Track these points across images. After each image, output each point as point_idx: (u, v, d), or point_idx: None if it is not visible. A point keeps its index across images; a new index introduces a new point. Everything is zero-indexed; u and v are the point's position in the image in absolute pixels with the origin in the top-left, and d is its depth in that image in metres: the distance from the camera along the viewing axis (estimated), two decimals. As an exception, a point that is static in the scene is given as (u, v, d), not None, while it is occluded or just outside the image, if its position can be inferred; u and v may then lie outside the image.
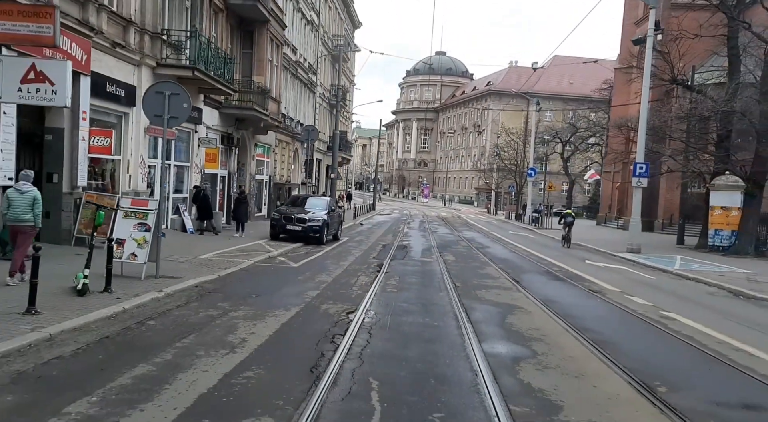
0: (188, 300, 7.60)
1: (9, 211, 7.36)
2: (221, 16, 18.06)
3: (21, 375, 4.39)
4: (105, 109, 12.24)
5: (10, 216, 7.36)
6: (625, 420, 4.28)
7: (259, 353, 5.37)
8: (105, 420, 3.66)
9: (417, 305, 8.23)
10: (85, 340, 5.41)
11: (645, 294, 10.60)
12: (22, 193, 7.39)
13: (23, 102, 9.16)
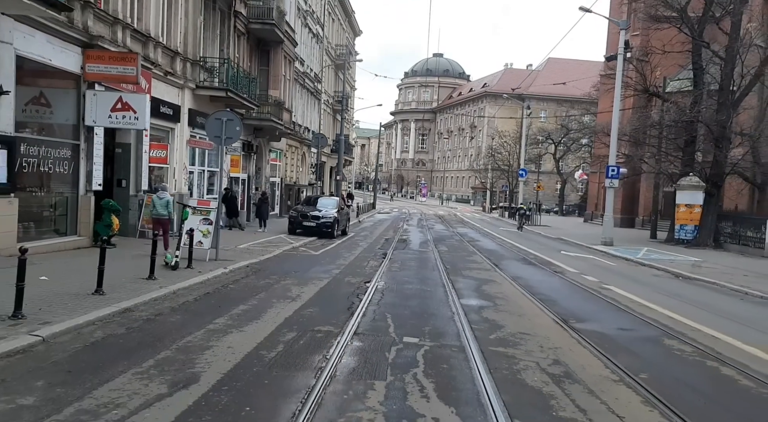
0: (247, 274, 10.50)
1: (154, 210, 11.63)
2: (243, 38, 20.95)
3: (172, 309, 7.27)
4: (158, 126, 15.09)
5: (155, 213, 11.57)
6: (542, 333, 7.16)
7: (312, 302, 8.26)
8: (238, 326, 6.54)
9: (415, 279, 11.14)
10: (195, 294, 8.29)
11: (598, 275, 13.51)
12: (161, 198, 11.50)
13: (113, 126, 12.15)
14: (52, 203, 11.42)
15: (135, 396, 4.22)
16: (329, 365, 5.18)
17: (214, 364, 5.08)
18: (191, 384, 4.55)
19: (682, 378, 5.71)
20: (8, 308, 5.83)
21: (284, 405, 4.28)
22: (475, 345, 6.17)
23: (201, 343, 5.75)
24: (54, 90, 11.23)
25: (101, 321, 6.27)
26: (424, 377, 5.05)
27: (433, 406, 4.38)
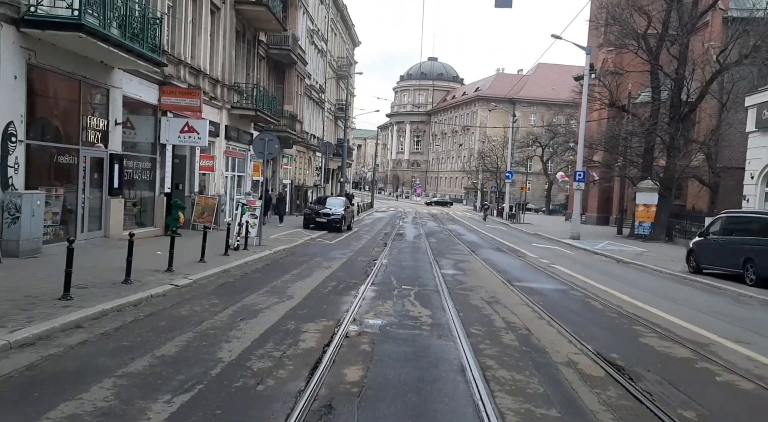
0: (287, 255, 14.60)
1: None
2: (263, 62, 25.03)
3: (242, 276, 11.33)
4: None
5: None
6: (490, 287, 11.22)
7: (339, 269, 12.34)
8: (300, 279, 10.61)
9: (409, 258, 15.26)
10: (256, 266, 12.35)
11: (552, 259, 17.64)
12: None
13: (181, 143, 16.19)
14: (137, 202, 15.44)
15: (263, 302, 8.30)
16: (359, 294, 9.27)
17: (298, 292, 9.20)
18: (290, 299, 8.66)
19: (565, 305, 9.83)
20: (161, 267, 9.86)
21: (341, 307, 8.35)
22: (446, 289, 10.27)
23: (283, 285, 9.86)
24: (139, 117, 15.23)
25: (216, 276, 10.35)
26: (414, 299, 9.16)
27: (418, 309, 8.48)
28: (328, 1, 37.59)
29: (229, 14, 20.00)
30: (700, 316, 9.30)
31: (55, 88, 11.60)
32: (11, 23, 9.82)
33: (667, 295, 11.69)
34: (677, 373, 5.91)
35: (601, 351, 6.44)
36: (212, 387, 4.68)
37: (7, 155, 9.98)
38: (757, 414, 5.06)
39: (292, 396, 4.54)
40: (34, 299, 6.79)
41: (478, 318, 8.03)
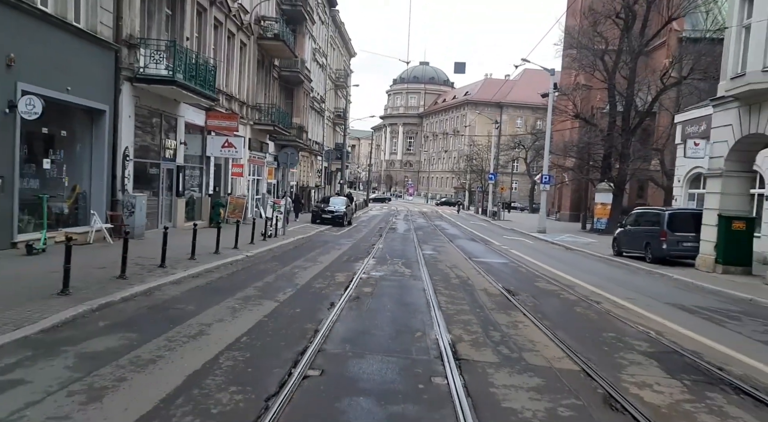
0: (306, 241, 19.63)
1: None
2: (276, 82, 30.02)
3: (283, 252, 16.37)
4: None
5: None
6: (455, 261, 16.28)
7: (348, 250, 17.39)
8: (322, 255, 15.68)
9: (400, 245, 20.33)
10: (289, 247, 17.40)
11: (512, 246, 22.74)
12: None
13: (222, 156, 21.17)
14: (189, 201, 20.39)
15: (305, 265, 13.35)
16: (365, 262, 14.33)
17: (324, 260, 14.28)
18: (321, 264, 13.73)
19: (501, 270, 14.91)
20: (227, 246, 14.86)
21: (355, 266, 13.36)
22: (423, 261, 15.34)
23: (313, 257, 14.95)
24: (191, 136, 20.18)
25: (266, 251, 15.39)
26: (401, 265, 14.23)
27: (403, 269, 13.54)
28: (328, 21, 42.61)
29: (253, 48, 25.00)
30: (590, 277, 14.39)
31: (147, 120, 16.59)
32: (128, 80, 14.82)
33: (582, 268, 16.80)
34: (540, 295, 11.00)
35: (504, 286, 11.53)
36: (299, 291, 9.76)
37: (124, 170, 14.97)
38: (565, 306, 10.10)
39: (338, 295, 9.58)
40: (179, 257, 11.78)
41: (440, 273, 13.12)
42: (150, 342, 6.08)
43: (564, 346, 6.90)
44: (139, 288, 8.66)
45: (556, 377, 5.71)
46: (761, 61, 13.89)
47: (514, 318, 8.52)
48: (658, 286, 13.67)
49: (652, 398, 5.25)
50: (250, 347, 6.21)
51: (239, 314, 7.80)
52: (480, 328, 7.74)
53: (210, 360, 5.60)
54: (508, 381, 5.52)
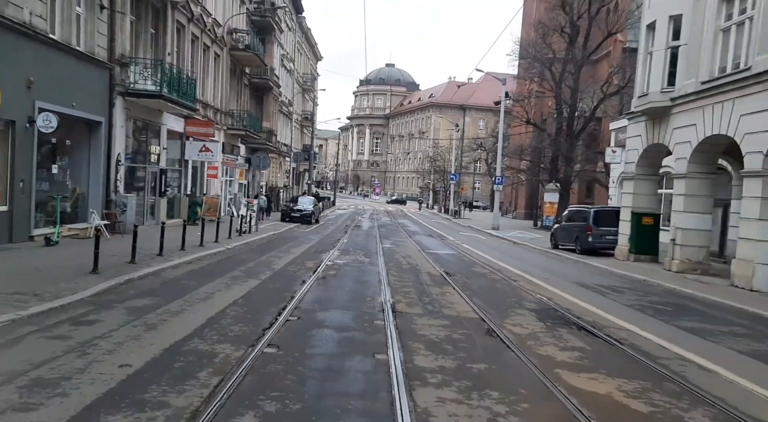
0: (278, 237, 22.05)
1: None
2: (247, 88, 32.26)
3: (259, 246, 18.79)
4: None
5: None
6: (410, 253, 18.95)
7: (316, 244, 19.90)
8: (294, 248, 18.16)
9: (363, 240, 22.91)
10: (263, 242, 19.81)
11: (464, 241, 25.56)
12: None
13: (200, 159, 23.42)
14: (169, 201, 22.56)
15: (279, 255, 15.82)
16: (331, 253, 16.85)
17: (295, 252, 16.77)
18: (293, 254, 16.22)
19: (447, 259, 17.64)
20: (209, 240, 17.20)
21: (322, 257, 15.87)
22: (382, 252, 17.96)
23: (286, 249, 17.41)
24: (171, 141, 22.34)
25: (244, 245, 17.78)
26: (362, 256, 16.81)
27: (363, 258, 16.12)
28: (295, 27, 44.91)
29: (226, 58, 27.25)
30: (521, 264, 17.22)
31: (136, 129, 18.78)
32: (121, 95, 17.03)
33: (518, 258, 19.66)
34: (472, 276, 13.74)
35: (446, 270, 14.22)
36: (276, 273, 12.27)
37: (117, 173, 17.18)
38: (488, 283, 12.83)
39: (308, 276, 12.10)
40: (172, 249, 14.11)
41: (394, 261, 15.77)
42: (173, 302, 8.53)
43: (474, 306, 9.59)
44: (148, 270, 11.03)
45: (460, 321, 8.38)
46: (660, 83, 16.96)
47: (444, 290, 11.20)
48: (576, 271, 16.60)
49: (519, 331, 7.96)
50: (246, 305, 8.73)
51: (232, 287, 10.27)
52: (416, 296, 10.38)
53: (219, 312, 8.09)
54: (426, 322, 8.16)
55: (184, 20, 21.51)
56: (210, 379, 5.21)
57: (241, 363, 5.69)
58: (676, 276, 15.30)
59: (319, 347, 6.65)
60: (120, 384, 4.95)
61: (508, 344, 7.16)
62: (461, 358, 6.40)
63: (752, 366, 6.95)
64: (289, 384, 5.24)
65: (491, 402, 5.06)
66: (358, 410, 4.72)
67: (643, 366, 6.55)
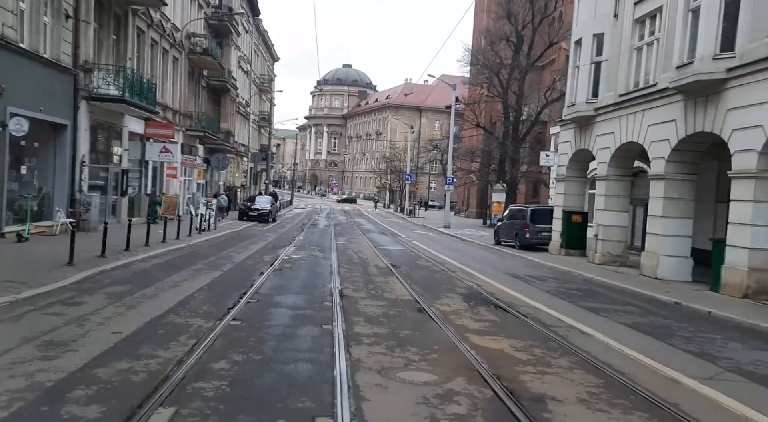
0: (235, 235, 23.21)
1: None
2: (205, 90, 33.15)
3: (219, 242, 19.97)
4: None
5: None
6: (362, 248, 20.44)
7: (273, 241, 21.18)
8: (247, 245, 19.41)
9: (318, 237, 24.29)
10: (223, 239, 20.98)
11: (416, 238, 27.23)
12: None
13: (160, 160, 24.36)
14: (130, 200, 23.42)
15: (239, 250, 17.08)
16: (287, 249, 18.20)
17: (254, 248, 18.04)
18: (251, 250, 17.49)
19: (396, 254, 19.22)
20: (171, 237, 18.31)
21: (279, 252, 17.20)
22: (335, 248, 19.40)
23: (244, 245, 18.65)
24: (132, 143, 23.21)
25: (204, 241, 18.93)
26: (317, 251, 18.22)
27: (317, 254, 17.53)
28: (252, 29, 45.82)
29: (185, 62, 28.17)
30: (463, 258, 18.93)
31: (99, 131, 19.67)
32: (85, 99, 17.96)
33: (463, 253, 21.40)
34: (416, 268, 15.34)
35: (393, 262, 15.78)
36: (236, 266, 13.58)
37: (81, 174, 18.08)
38: (429, 274, 14.44)
39: (266, 268, 13.45)
40: (136, 244, 15.20)
41: (346, 256, 17.24)
42: (146, 288, 9.79)
43: (411, 291, 11.16)
44: (118, 263, 12.19)
45: (397, 302, 9.93)
46: (585, 94, 18.97)
47: (388, 279, 12.75)
48: (511, 264, 18.42)
49: (444, 309, 9.56)
50: (210, 291, 10.07)
51: (197, 277, 11.56)
52: (362, 284, 11.89)
53: (188, 296, 9.41)
54: (368, 303, 9.67)
55: (144, 26, 22.44)
56: (188, 341, 6.59)
57: (211, 331, 7.08)
58: (598, 267, 17.28)
59: (275, 320, 8.08)
60: (116, 344, 6.28)
61: (433, 318, 8.74)
62: (392, 327, 7.94)
63: (625, 332, 8.72)
64: (251, 344, 6.66)
65: (409, 354, 6.61)
66: (306, 359, 6.19)
67: (536, 332, 8.23)
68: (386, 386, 5.47)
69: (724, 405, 5.49)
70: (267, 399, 4.95)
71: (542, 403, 5.21)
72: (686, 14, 13.70)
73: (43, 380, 5.02)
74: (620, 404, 5.32)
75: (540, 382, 5.84)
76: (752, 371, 6.87)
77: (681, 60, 13.73)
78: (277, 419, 4.50)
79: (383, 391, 5.33)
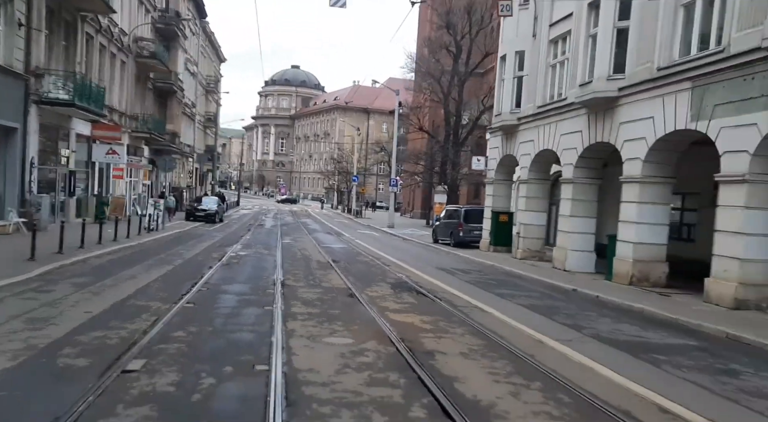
0: (184, 234, 24.22)
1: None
2: (152, 92, 33.80)
3: (168, 241, 21.02)
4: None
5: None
6: (307, 246, 21.88)
7: (221, 240, 22.35)
8: (196, 244, 20.56)
9: (265, 236, 25.56)
10: (171, 238, 22.00)
11: (360, 237, 28.82)
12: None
13: (107, 161, 25.14)
14: (78, 200, 24.06)
15: (188, 248, 18.25)
16: (234, 247, 19.47)
17: (202, 246, 19.23)
18: (200, 247, 18.68)
19: (338, 251, 20.75)
20: (121, 236, 19.28)
21: (226, 250, 18.46)
22: (280, 246, 20.77)
23: (192, 244, 19.79)
24: (80, 144, 23.88)
25: (153, 240, 19.96)
26: (262, 249, 19.56)
27: (263, 251, 18.89)
28: (199, 31, 46.43)
29: (132, 65, 28.88)
30: (401, 255, 20.62)
31: (48, 133, 20.40)
32: (35, 103, 18.73)
33: (401, 250, 23.11)
34: (355, 263, 16.94)
35: (333, 259, 17.32)
36: (186, 261, 14.84)
37: (31, 175, 18.84)
38: (365, 268, 16.07)
39: (214, 263, 14.76)
40: (90, 242, 16.18)
41: (290, 253, 18.67)
42: (106, 279, 11.02)
43: (347, 281, 12.74)
44: (75, 258, 13.27)
45: (332, 290, 11.50)
46: (510, 105, 21.04)
47: (327, 272, 14.30)
48: (443, 259, 20.27)
49: (372, 294, 11.19)
50: (164, 281, 11.37)
51: (150, 271, 12.80)
52: (303, 276, 13.39)
53: (145, 285, 10.71)
54: (307, 290, 11.20)
55: (92, 31, 23.19)
56: (150, 318, 7.97)
57: (168, 311, 8.47)
58: (519, 262, 19.33)
59: (223, 303, 9.52)
60: (89, 320, 7.61)
61: (360, 301, 10.35)
62: (324, 308, 9.51)
63: (519, 311, 10.56)
64: (203, 320, 8.10)
65: (335, 326, 8.19)
66: (249, 330, 7.68)
67: (445, 310, 9.96)
68: (313, 347, 7.04)
69: (569, 357, 7.32)
70: (217, 355, 6.44)
71: (431, 355, 6.90)
72: (587, 39, 15.84)
73: (36, 343, 6.35)
74: (490, 355, 7.07)
75: (435, 343, 7.53)
76: (607, 337, 8.79)
77: (583, 79, 15.86)
78: (224, 366, 6.00)
79: (310, 350, 6.89)
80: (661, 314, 10.68)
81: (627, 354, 7.69)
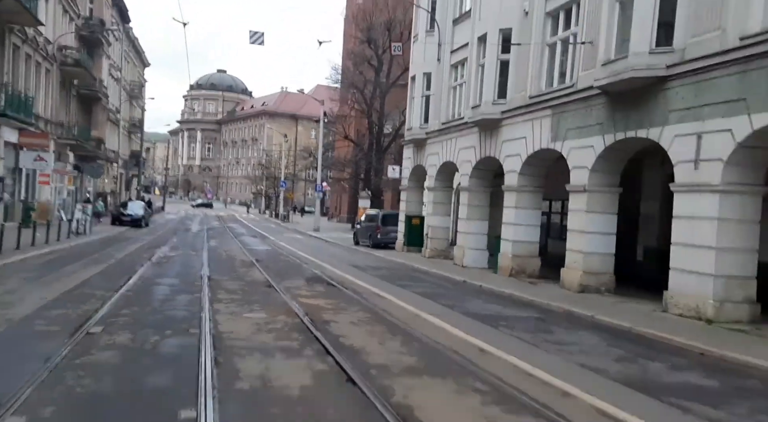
0: (112, 238, 25.33)
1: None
2: (76, 99, 34.35)
3: (97, 244, 22.20)
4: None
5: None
6: (232, 249, 23.58)
7: (148, 243, 23.67)
8: (124, 247, 21.88)
9: (191, 240, 27.00)
10: (96, 242, 23.15)
11: (285, 240, 30.65)
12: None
13: (34, 167, 25.89)
14: (6, 206, 24.67)
15: (117, 250, 19.63)
16: (162, 249, 20.96)
17: (131, 248, 20.63)
18: (129, 250, 20.10)
19: (262, 252, 22.62)
20: (52, 239, 20.38)
21: (155, 251, 19.95)
22: (206, 249, 22.40)
23: (121, 247, 21.15)
24: (6, 151, 24.53)
25: (83, 243, 21.14)
26: (189, 250, 21.16)
27: (190, 252, 20.51)
28: (122, 37, 46.83)
29: (57, 73, 29.58)
30: (320, 255, 22.69)
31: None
32: (-35, 111, 19.62)
33: (322, 251, 25.17)
34: (276, 262, 18.92)
35: (256, 258, 19.22)
36: (118, 261, 16.40)
37: (-40, 181, 19.67)
38: (285, 266, 18.07)
39: (145, 262, 16.37)
40: (23, 245, 17.34)
41: (217, 254, 20.40)
42: (50, 275, 12.58)
43: (267, 276, 14.75)
44: (16, 258, 14.63)
45: (252, 282, 13.52)
46: (419, 120, 23.65)
47: (249, 269, 16.25)
48: (360, 259, 22.53)
49: (288, 285, 13.29)
50: (102, 276, 13.03)
51: (88, 268, 14.35)
52: (227, 272, 15.30)
53: (86, 279, 12.36)
54: (230, 282, 13.16)
55: (19, 42, 24.01)
56: (97, 302, 9.76)
57: (112, 297, 10.27)
58: (427, 260, 21.88)
59: (159, 292, 11.38)
60: (46, 303, 9.34)
61: (277, 290, 12.43)
62: (244, 295, 11.55)
63: (411, 296, 12.94)
64: (143, 303, 9.97)
65: (253, 307, 10.26)
66: (182, 310, 9.63)
67: (348, 296, 12.22)
68: (234, 319, 9.10)
69: (434, 323, 9.72)
70: (159, 324, 8.39)
71: (327, 323, 9.12)
72: (478, 67, 18.63)
73: (11, 318, 8.10)
74: (374, 323, 9.39)
75: (332, 316, 9.76)
76: (472, 312, 11.30)
77: (475, 101, 18.62)
78: (165, 330, 7.98)
79: (233, 321, 8.95)
80: (524, 297, 13.37)
81: (479, 322, 10.19)
